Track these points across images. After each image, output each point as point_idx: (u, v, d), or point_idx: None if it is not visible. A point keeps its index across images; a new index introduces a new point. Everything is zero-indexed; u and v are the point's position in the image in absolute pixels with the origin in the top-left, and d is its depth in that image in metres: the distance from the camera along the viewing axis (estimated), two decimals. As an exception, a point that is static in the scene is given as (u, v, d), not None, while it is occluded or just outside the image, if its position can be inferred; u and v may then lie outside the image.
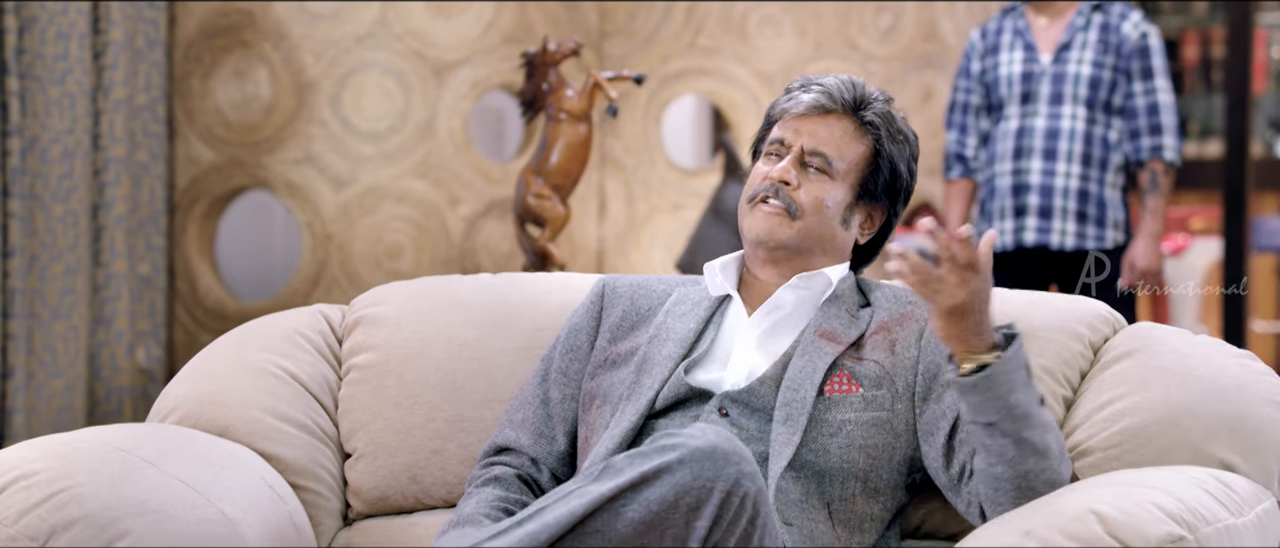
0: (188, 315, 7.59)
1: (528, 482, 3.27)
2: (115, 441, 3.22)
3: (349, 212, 7.49)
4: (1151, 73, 6.41)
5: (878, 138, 3.27)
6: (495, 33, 7.58)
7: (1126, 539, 2.68)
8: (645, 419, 3.16)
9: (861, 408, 3.10)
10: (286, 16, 7.46)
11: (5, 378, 6.76)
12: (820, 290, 3.23)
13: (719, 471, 2.74)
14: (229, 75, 7.55)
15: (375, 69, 7.50)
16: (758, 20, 7.90)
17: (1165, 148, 6.38)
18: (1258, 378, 3.10)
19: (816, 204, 3.24)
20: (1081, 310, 3.25)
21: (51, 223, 6.94)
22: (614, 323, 3.32)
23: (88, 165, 7.11)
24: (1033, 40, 6.45)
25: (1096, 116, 6.38)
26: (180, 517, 3.08)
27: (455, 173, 7.58)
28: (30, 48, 6.85)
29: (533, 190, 5.26)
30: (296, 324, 3.59)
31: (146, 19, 7.35)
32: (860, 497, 3.09)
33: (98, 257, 7.18)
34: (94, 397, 7.19)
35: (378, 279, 7.45)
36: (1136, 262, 6.37)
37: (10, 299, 6.75)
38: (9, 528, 2.99)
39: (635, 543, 2.74)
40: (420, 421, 3.45)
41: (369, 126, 7.51)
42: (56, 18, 6.91)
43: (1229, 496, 2.84)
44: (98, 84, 7.17)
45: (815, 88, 3.28)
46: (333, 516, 3.46)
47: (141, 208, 7.37)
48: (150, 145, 7.40)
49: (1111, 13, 6.44)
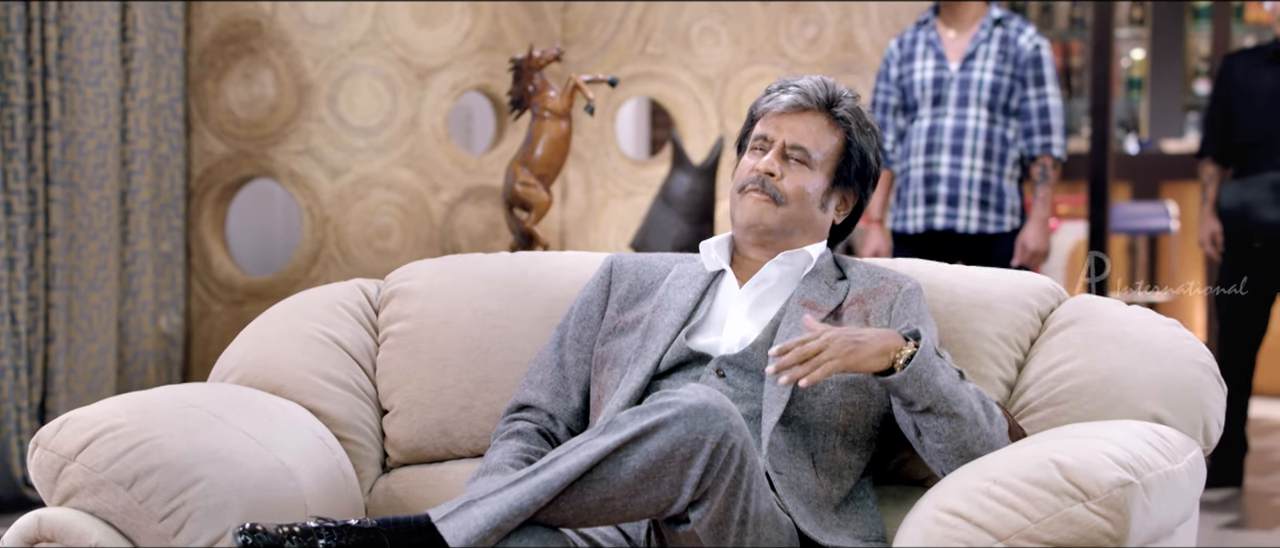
0: (202, 288, 7.57)
1: (546, 435, 3.28)
2: (187, 397, 3.23)
3: (344, 198, 7.48)
4: (1043, 80, 6.45)
5: (849, 130, 3.29)
6: (472, 41, 7.58)
7: (1083, 484, 2.71)
8: (651, 380, 3.18)
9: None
10: (289, 26, 7.45)
11: (48, 342, 6.73)
12: (802, 266, 3.25)
13: (710, 425, 2.77)
14: (238, 78, 7.53)
15: (367, 72, 7.50)
16: (699, 31, 7.92)
17: (1054, 145, 6.43)
18: (1183, 342, 3.13)
19: (799, 191, 3.26)
20: (1031, 285, 3.27)
21: (87, 207, 6.92)
22: (621, 295, 3.34)
23: (117, 157, 7.08)
24: (943, 50, 6.48)
25: (997, 117, 6.41)
26: (246, 465, 3.09)
27: (436, 164, 7.59)
28: (69, 53, 6.81)
29: (520, 179, 5.27)
30: (339, 296, 3.59)
31: (166, 28, 7.32)
32: (840, 448, 3.12)
33: (126, 237, 7.16)
34: (123, 359, 7.17)
35: (368, 257, 7.46)
36: (1028, 244, 6.41)
37: (52, 274, 6.73)
38: (99, 474, 3.00)
39: (637, 488, 2.77)
40: (449, 381, 3.45)
41: (361, 123, 7.51)
42: (92, 27, 6.88)
43: (1165, 445, 2.87)
44: (126, 85, 7.14)
45: (793, 89, 3.29)
46: (373, 464, 3.47)
47: (163, 194, 7.35)
48: (170, 139, 7.38)
49: (1010, 27, 6.47)
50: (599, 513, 2.79)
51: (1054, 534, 2.71)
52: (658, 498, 2.78)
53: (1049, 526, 2.71)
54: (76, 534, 2.99)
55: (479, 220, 7.63)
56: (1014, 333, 3.21)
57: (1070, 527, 2.70)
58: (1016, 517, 2.73)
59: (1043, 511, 2.72)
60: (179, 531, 2.99)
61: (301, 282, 7.47)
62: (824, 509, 3.07)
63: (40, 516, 3.02)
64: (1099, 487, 2.71)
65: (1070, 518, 2.71)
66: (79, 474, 3.01)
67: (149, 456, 3.01)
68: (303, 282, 7.47)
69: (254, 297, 7.51)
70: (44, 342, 6.72)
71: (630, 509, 2.79)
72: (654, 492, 2.77)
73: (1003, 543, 2.73)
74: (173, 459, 3.01)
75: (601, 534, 2.97)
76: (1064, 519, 2.71)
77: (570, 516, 2.79)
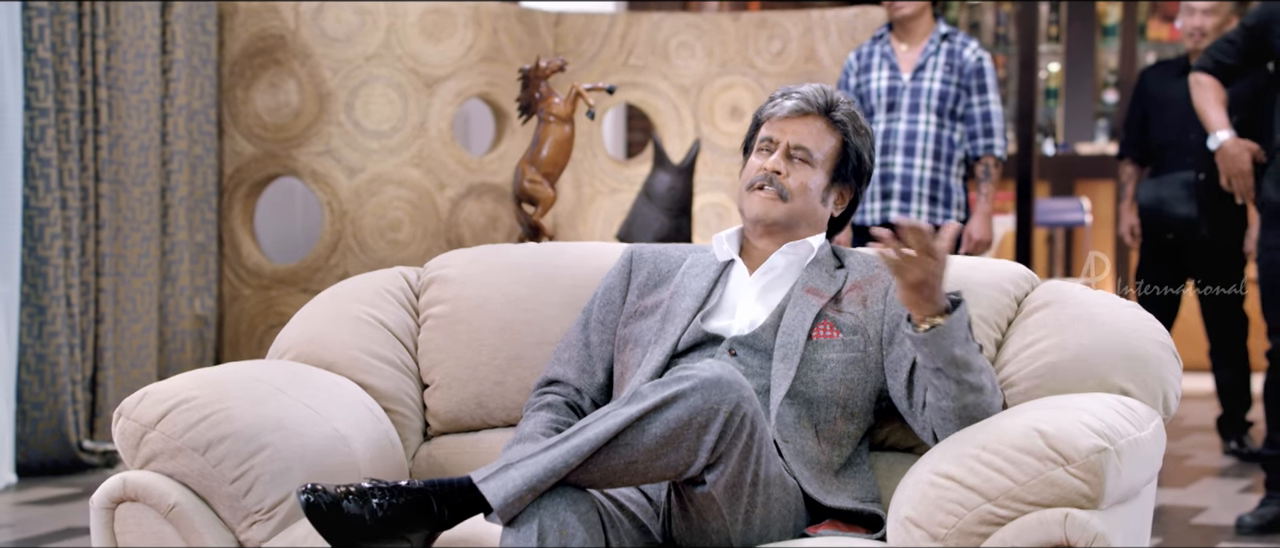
0: (233, 274, 7.52)
1: (573, 407, 3.25)
2: (253, 373, 3.20)
3: (359, 194, 7.44)
4: (985, 88, 6.43)
5: (846, 132, 3.27)
6: (474, 53, 7.55)
7: (1063, 450, 2.69)
8: (670, 359, 3.15)
9: (841, 350, 3.10)
10: (311, 40, 7.40)
11: (98, 322, 6.71)
12: (805, 256, 3.23)
13: (723, 396, 2.74)
14: (265, 86, 7.48)
15: (380, 82, 7.46)
16: (676, 45, 7.89)
17: (995, 147, 6.41)
18: (1144, 322, 3.11)
19: (802, 187, 3.23)
20: (1008, 271, 3.25)
21: (131, 202, 6.89)
22: (641, 282, 3.31)
23: (158, 157, 7.06)
24: (896, 62, 6.46)
25: (944, 122, 6.39)
26: (306, 433, 3.07)
27: (442, 163, 7.55)
28: (116, 65, 6.79)
29: (528, 177, 5.23)
30: (383, 282, 3.55)
31: (201, 42, 7.28)
32: (840, 419, 3.10)
33: (165, 229, 7.13)
34: (163, 337, 7.14)
35: (382, 247, 7.42)
36: (974, 234, 6.40)
37: (102, 262, 6.71)
38: (176, 441, 2.98)
39: (658, 452, 2.74)
40: (484, 358, 3.42)
41: (375, 127, 7.47)
42: (135, 41, 6.86)
43: (1132, 415, 2.85)
44: (165, 93, 7.12)
45: (795, 95, 3.26)
46: (416, 433, 3.44)
47: (198, 190, 7.31)
48: (204, 141, 7.34)
49: (956, 42, 6.46)
50: (624, 475, 2.77)
51: (1037, 495, 2.69)
52: (677, 461, 2.76)
53: (1033, 488, 2.70)
54: (157, 494, 2.97)
55: (480, 214, 7.60)
56: (993, 315, 3.18)
57: (1052, 489, 2.69)
58: (1003, 480, 2.71)
59: (1027, 474, 2.70)
60: (248, 492, 2.97)
61: (322, 269, 7.43)
62: (826, 474, 3.05)
63: (124, 478, 2.99)
64: (1077, 453, 2.69)
65: (1052, 481, 2.69)
66: (158, 441, 2.99)
67: (221, 425, 2.99)
68: (323, 269, 7.43)
69: (279, 283, 7.47)
70: (94, 322, 6.70)
71: (652, 472, 2.77)
72: (673, 456, 2.75)
73: (991, 503, 2.71)
74: (241, 428, 3.00)
75: (625, 495, 2.95)
76: (1046, 482, 2.69)
77: (598, 477, 2.77)
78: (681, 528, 2.88)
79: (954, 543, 2.73)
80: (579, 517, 2.74)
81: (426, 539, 2.76)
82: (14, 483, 6.23)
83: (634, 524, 2.92)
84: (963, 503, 2.73)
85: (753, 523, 2.86)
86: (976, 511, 2.71)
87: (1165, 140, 6.96)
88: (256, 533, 2.97)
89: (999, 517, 2.70)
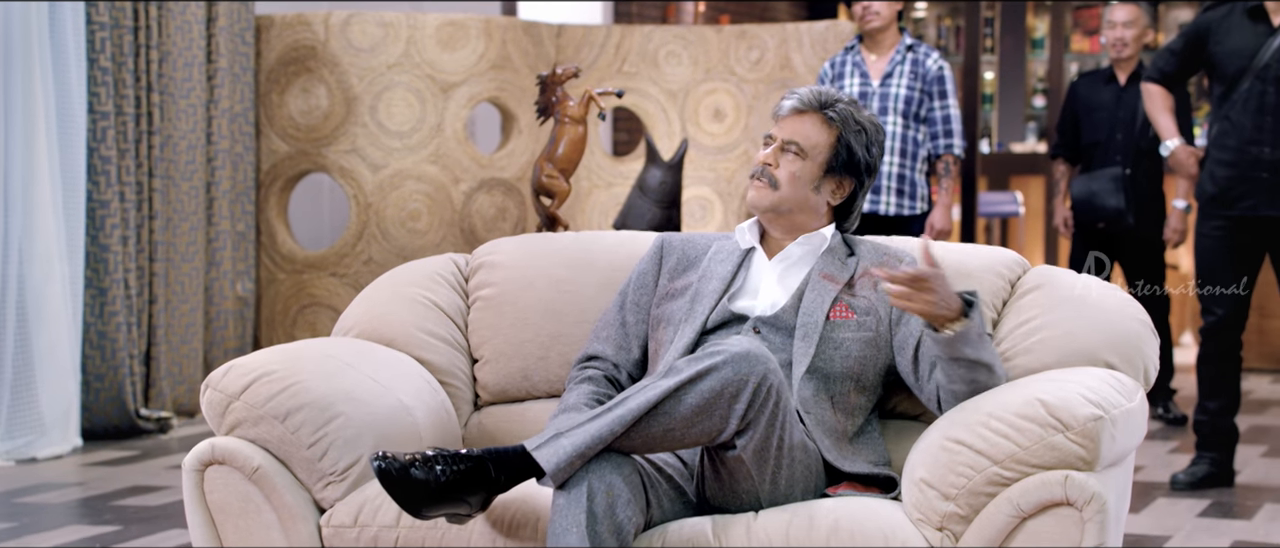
0: (269, 260, 7.45)
1: (612, 380, 3.21)
2: (324, 349, 3.16)
3: (382, 188, 7.37)
4: (946, 94, 6.42)
5: (841, 129, 3.20)
6: (485, 62, 7.48)
7: (1063, 418, 2.67)
8: (699, 336, 3.11)
9: (856, 330, 3.07)
10: (339, 50, 7.33)
11: (151, 303, 6.67)
12: (819, 245, 3.19)
13: (752, 368, 2.71)
14: (298, 91, 7.40)
15: (401, 87, 7.38)
16: (665, 53, 7.84)
17: (955, 146, 6.40)
18: (1127, 304, 3.08)
19: (790, 177, 3.16)
20: (1002, 257, 3.22)
21: (180, 195, 6.83)
22: (671, 267, 3.27)
23: (203, 155, 7.00)
24: (867, 70, 6.43)
25: (910, 124, 6.37)
26: (373, 403, 3.04)
27: (457, 160, 7.48)
28: (167, 73, 6.74)
29: (546, 173, 5.17)
30: (435, 267, 3.50)
31: (241, 52, 7.21)
32: (854, 392, 3.06)
33: (210, 218, 7.07)
34: (208, 316, 7.08)
35: (403, 236, 7.36)
36: (936, 224, 6.39)
37: (154, 248, 6.66)
38: (259, 410, 2.95)
39: (694, 420, 2.71)
40: (529, 336, 3.38)
41: (396, 127, 7.39)
42: (184, 52, 6.81)
43: (1121, 387, 2.82)
44: (210, 98, 7.05)
45: (794, 96, 3.22)
46: (467, 403, 3.40)
47: (238, 185, 7.24)
48: (243, 141, 7.27)
49: (919, 52, 6.44)
50: (662, 441, 2.73)
51: (1040, 459, 2.67)
52: (710, 428, 2.72)
53: (1036, 452, 2.67)
54: (242, 458, 2.94)
55: (490, 206, 7.54)
56: (990, 296, 3.15)
57: (1053, 453, 2.67)
58: (1009, 445, 2.69)
59: (1030, 439, 2.68)
60: (323, 456, 2.95)
61: (348, 255, 7.36)
62: (842, 442, 3.02)
63: (213, 443, 2.96)
64: (1076, 420, 2.67)
65: (1053, 446, 2.67)
66: (242, 410, 2.95)
67: (298, 395, 2.96)
68: (349, 255, 7.36)
69: (310, 267, 7.40)
70: (148, 303, 6.66)
71: (688, 438, 2.74)
72: (707, 423, 2.71)
73: (998, 466, 2.69)
74: (317, 399, 2.97)
75: (663, 460, 2.92)
76: (1048, 447, 2.67)
77: (639, 444, 2.73)
78: (714, 489, 2.85)
79: (964, 501, 2.70)
80: (623, 479, 2.71)
81: (484, 501, 2.74)
82: (80, 446, 6.21)
83: (671, 486, 2.89)
84: (972, 466, 2.70)
85: (779, 484, 2.83)
86: (985, 472, 2.69)
87: (1094, 140, 7.00)
88: (331, 493, 2.94)
89: (1005, 478, 2.68)
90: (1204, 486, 5.53)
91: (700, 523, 2.78)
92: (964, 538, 2.70)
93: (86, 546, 4.56)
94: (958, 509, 2.70)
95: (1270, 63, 5.30)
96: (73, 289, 6.20)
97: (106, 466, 5.84)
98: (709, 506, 2.87)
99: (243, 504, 2.93)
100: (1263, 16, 5.37)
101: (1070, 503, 2.63)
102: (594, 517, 2.65)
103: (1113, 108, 6.97)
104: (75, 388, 6.16)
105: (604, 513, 2.66)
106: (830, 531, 2.72)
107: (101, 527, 4.80)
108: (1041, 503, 2.64)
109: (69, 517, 4.97)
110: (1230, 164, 5.39)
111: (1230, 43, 5.41)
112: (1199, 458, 5.59)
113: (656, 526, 2.79)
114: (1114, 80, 6.99)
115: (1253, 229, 5.41)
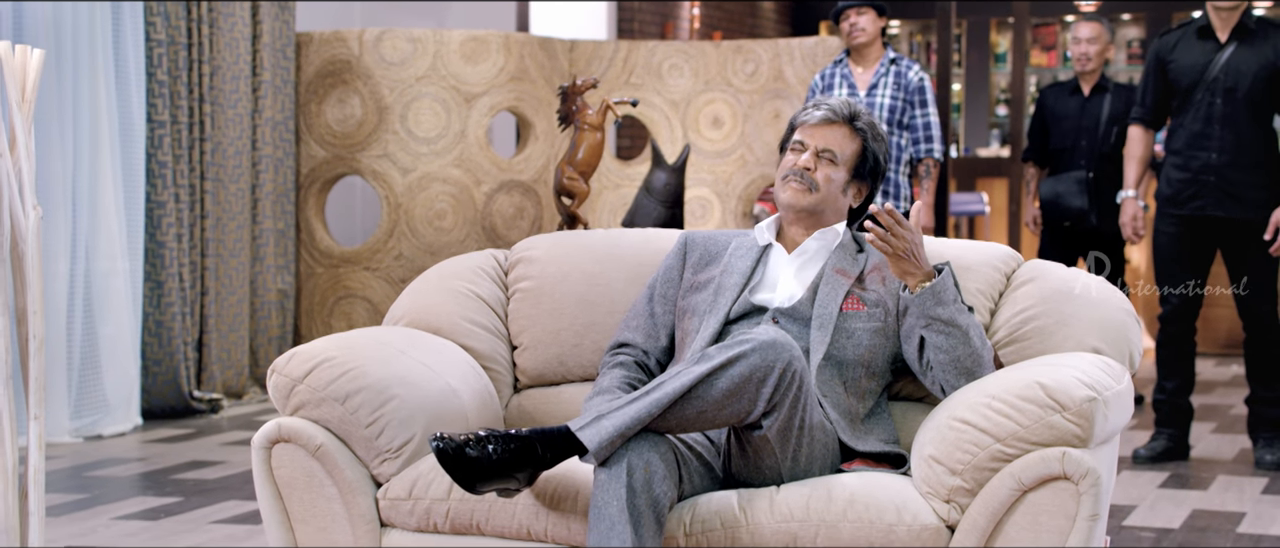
0: (308, 255, 7.42)
1: (641, 366, 3.19)
2: (378, 337, 3.13)
3: (411, 189, 7.34)
4: (926, 103, 6.40)
5: (866, 138, 3.19)
6: (504, 74, 7.45)
7: (1060, 399, 2.65)
8: (723, 325, 3.09)
9: (867, 320, 3.05)
10: (371, 64, 7.30)
11: (203, 295, 6.65)
12: (832, 241, 3.17)
13: (778, 355, 2.69)
14: (334, 102, 7.37)
15: (428, 97, 7.35)
16: (668, 66, 7.82)
17: (934, 151, 6.39)
18: (1112, 294, 3.06)
19: (827, 181, 3.15)
20: (998, 252, 3.20)
21: (229, 196, 6.80)
22: (695, 262, 3.24)
23: (249, 160, 6.97)
24: (854, 82, 6.42)
25: (893, 130, 6.36)
26: (425, 387, 3.01)
27: (479, 164, 7.45)
28: (217, 85, 6.73)
29: (567, 175, 5.17)
30: (478, 262, 3.47)
31: (282, 66, 7.18)
32: (865, 377, 3.04)
33: (255, 217, 7.05)
34: (253, 307, 7.06)
35: (430, 234, 7.33)
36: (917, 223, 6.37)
37: (205, 245, 6.64)
38: (320, 393, 2.92)
39: (724, 403, 2.70)
40: (564, 325, 3.35)
41: (424, 134, 7.36)
42: (231, 66, 6.79)
43: (1110, 371, 2.81)
44: (255, 108, 7.03)
45: (825, 106, 3.19)
46: (507, 387, 3.37)
47: (279, 187, 7.21)
48: (284, 147, 7.24)
49: (902, 65, 6.42)
50: (695, 422, 2.71)
51: (1039, 437, 2.65)
52: (739, 410, 2.70)
53: (1035, 430, 2.65)
54: (305, 437, 2.91)
55: (509, 206, 7.51)
56: (988, 288, 3.13)
57: (1051, 431, 2.65)
58: (1010, 424, 2.67)
59: (1030, 419, 2.66)
60: (380, 435, 2.92)
61: (380, 251, 7.33)
62: (855, 423, 3.00)
63: (279, 423, 2.93)
64: (1072, 401, 2.65)
65: (1051, 425, 2.65)
66: (305, 393, 2.93)
67: (357, 379, 2.93)
68: (381, 251, 7.33)
69: (345, 262, 7.37)
70: (200, 295, 6.64)
71: (719, 419, 2.72)
72: (736, 405, 2.70)
73: (1000, 443, 2.66)
74: (373, 382, 2.94)
75: (693, 439, 2.90)
76: (1046, 426, 2.65)
77: (674, 424, 2.71)
78: (740, 465, 2.83)
79: (970, 476, 2.68)
80: (659, 456, 2.69)
81: (531, 477, 2.72)
82: (140, 425, 6.21)
83: (701, 463, 2.87)
84: (976, 443, 2.68)
85: (799, 461, 2.81)
86: (988, 449, 2.67)
87: (1061, 146, 6.98)
88: (387, 468, 2.92)
89: (1007, 455, 2.66)
90: (1163, 459, 5.53)
91: (727, 496, 2.76)
92: (969, 510, 2.68)
93: (153, 514, 4.54)
94: (963, 483, 2.68)
95: (1218, 76, 5.36)
96: (133, 283, 6.18)
97: (165, 442, 5.83)
98: (735, 481, 2.85)
99: (307, 479, 2.90)
100: (1211, 35, 5.42)
101: (1067, 477, 2.61)
102: (633, 491, 2.63)
103: (1077, 116, 6.96)
104: (136, 372, 6.15)
105: (642, 487, 2.64)
106: (847, 503, 2.70)
107: (165, 498, 4.79)
108: (1041, 477, 2.62)
109: (135, 489, 4.95)
110: (1182, 168, 5.43)
111: (1184, 60, 5.45)
112: (1158, 434, 5.60)
113: (687, 499, 2.77)
114: (1079, 91, 6.99)
115: (1203, 228, 5.43)
